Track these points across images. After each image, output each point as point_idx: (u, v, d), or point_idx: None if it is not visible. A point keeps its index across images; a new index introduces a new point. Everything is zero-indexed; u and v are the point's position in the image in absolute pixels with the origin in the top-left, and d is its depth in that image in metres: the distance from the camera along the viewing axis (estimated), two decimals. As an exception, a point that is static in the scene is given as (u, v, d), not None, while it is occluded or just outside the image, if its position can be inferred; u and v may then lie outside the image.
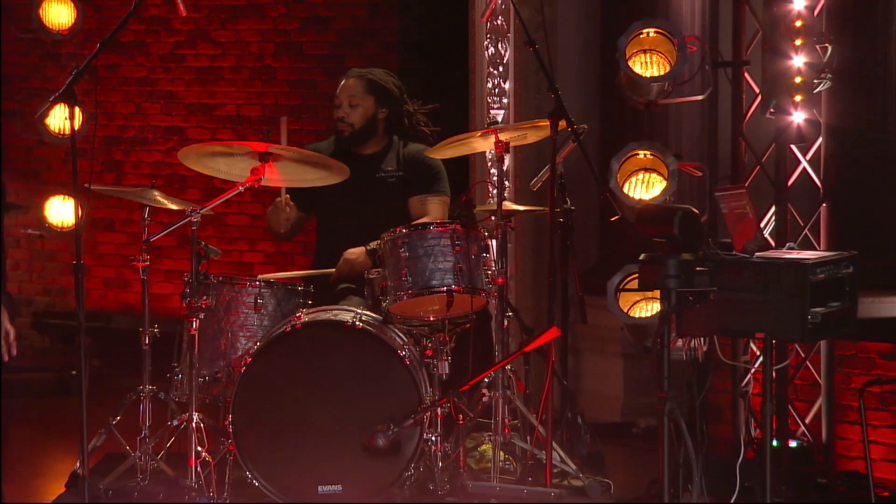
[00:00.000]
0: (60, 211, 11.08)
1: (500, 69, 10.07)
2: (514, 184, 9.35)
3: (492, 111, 10.29)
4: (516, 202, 8.70)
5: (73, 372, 10.97)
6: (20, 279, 12.79)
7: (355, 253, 7.17)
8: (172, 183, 11.32)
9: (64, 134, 11.65)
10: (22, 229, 12.02)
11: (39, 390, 11.01)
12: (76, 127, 11.47)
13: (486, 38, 9.55)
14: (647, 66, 8.03)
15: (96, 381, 11.30)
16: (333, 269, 7.27)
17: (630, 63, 8.02)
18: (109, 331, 11.70)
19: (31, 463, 9.06)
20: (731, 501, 6.72)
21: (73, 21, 11.03)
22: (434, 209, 7.27)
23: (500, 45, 10.11)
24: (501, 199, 7.11)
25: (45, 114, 7.14)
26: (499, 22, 10.35)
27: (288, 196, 7.27)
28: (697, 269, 6.43)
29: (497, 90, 10.20)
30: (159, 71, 12.56)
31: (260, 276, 7.38)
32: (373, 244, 7.05)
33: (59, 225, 11.33)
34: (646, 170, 8.08)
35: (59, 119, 11.41)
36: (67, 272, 12.23)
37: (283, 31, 12.32)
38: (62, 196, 10.68)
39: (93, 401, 7.02)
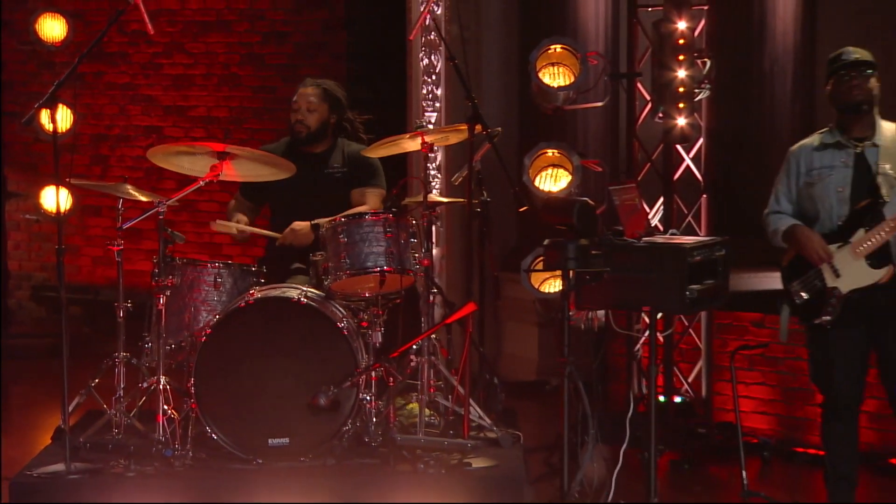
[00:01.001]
0: (54, 199, 11.04)
1: (433, 78, 10.03)
2: (444, 178, 9.32)
3: (426, 114, 10.27)
4: (446, 195, 8.72)
5: (66, 338, 11.03)
6: (20, 258, 12.72)
7: (301, 225, 7.11)
8: (151, 175, 11.24)
9: (58, 132, 11.63)
10: (21, 214, 12.00)
11: (36, 353, 10.98)
12: (68, 126, 11.55)
13: (421, 51, 9.51)
14: (555, 76, 8.06)
15: (85, 346, 11.25)
16: (279, 236, 7.23)
17: (540, 74, 8.04)
18: (97, 303, 11.65)
19: (27, 416, 9.05)
20: (623, 448, 6.71)
21: (66, 34, 10.96)
22: (371, 200, 7.24)
23: (433, 57, 10.07)
24: (426, 192, 7.13)
25: (32, 118, 7.04)
26: (432, 37, 10.32)
27: (243, 228, 7.31)
28: (593, 252, 6.48)
29: (431, 96, 10.17)
30: (140, 78, 12.53)
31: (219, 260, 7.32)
32: (317, 220, 7.03)
33: (53, 211, 11.29)
34: (554, 166, 8.12)
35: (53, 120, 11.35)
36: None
37: (247, 44, 12.29)
38: (55, 186, 10.64)
39: (82, 362, 7.02)
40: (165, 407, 6.55)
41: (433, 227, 9.30)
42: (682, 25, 8.13)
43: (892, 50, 8.50)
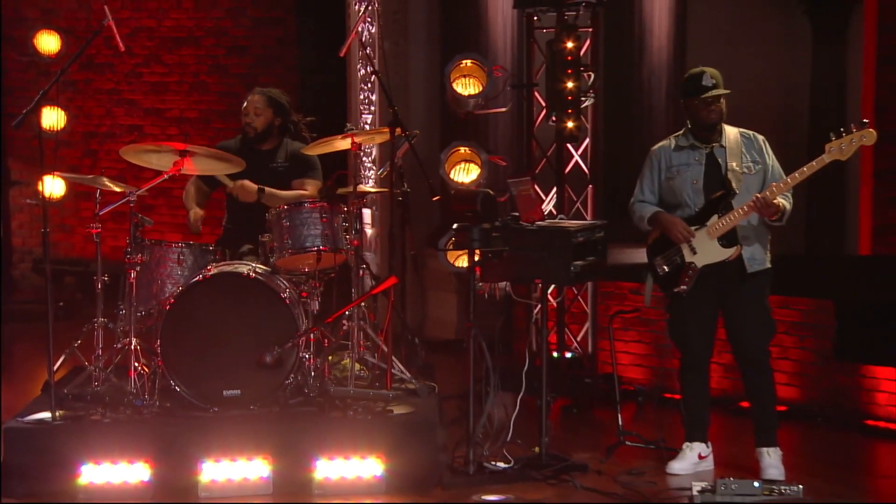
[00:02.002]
0: (50, 187, 10.94)
1: (369, 85, 10.05)
2: (377, 172, 9.32)
3: (363, 116, 10.27)
4: (378, 186, 8.70)
5: (61, 304, 10.89)
6: (23, 235, 12.69)
7: (250, 184, 7.11)
8: (133, 167, 11.17)
9: (53, 130, 11.55)
10: (24, 199, 11.94)
11: (36, 317, 10.87)
12: (62, 125, 11.44)
13: (359, 63, 9.50)
14: (466, 86, 8.06)
15: (78, 311, 11.26)
16: (232, 184, 7.20)
17: (454, 84, 8.04)
18: (87, 274, 11.52)
19: (26, 372, 8.98)
20: (520, 396, 6.77)
21: (59, 48, 10.91)
22: (309, 189, 7.20)
23: (368, 68, 10.07)
24: (355, 184, 7.13)
25: (21, 122, 6.96)
26: (368, 51, 10.30)
27: (199, 218, 7.32)
28: (494, 234, 6.54)
29: (367, 101, 10.18)
30: (124, 84, 12.54)
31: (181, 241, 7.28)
32: (263, 186, 7.06)
33: (49, 196, 11.16)
34: (466, 161, 8.13)
35: (49, 119, 11.28)
36: (56, 230, 12.15)
37: (214, 56, 12.32)
38: (52, 175, 10.54)
39: (76, 322, 6.97)
40: (136, 364, 6.52)
41: (366, 213, 9.34)
42: (570, 45, 8.19)
43: (742, 64, 8.58)
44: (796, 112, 10.45)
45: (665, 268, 6.49)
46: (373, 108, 10.12)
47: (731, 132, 6.47)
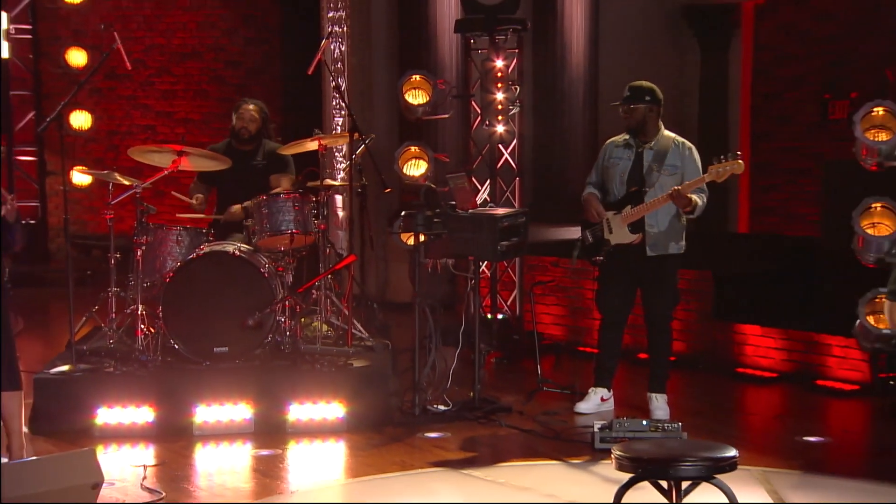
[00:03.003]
0: (79, 177, 10.94)
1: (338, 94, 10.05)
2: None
3: (335, 119, 10.25)
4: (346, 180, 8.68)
5: (89, 272, 10.85)
6: (59, 215, 12.54)
7: (235, 207, 7.03)
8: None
9: (82, 129, 11.52)
10: (58, 186, 11.83)
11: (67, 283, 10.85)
12: (88, 125, 11.36)
13: (331, 77, 9.42)
14: (416, 97, 8.00)
15: (102, 279, 11.20)
16: (221, 216, 7.14)
17: (405, 95, 7.99)
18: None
19: (58, 329, 8.94)
20: (458, 351, 6.79)
21: (87, 62, 10.82)
22: (284, 183, 7.16)
23: (339, 80, 10.05)
24: (322, 178, 7.11)
25: (46, 126, 6.97)
26: (339, 65, 10.29)
27: (200, 202, 7.25)
28: (435, 220, 6.55)
29: (338, 106, 10.16)
30: (140, 91, 12.46)
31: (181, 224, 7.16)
32: (245, 203, 6.94)
33: (79, 185, 11.19)
34: (416, 158, 8.07)
35: (78, 121, 11.24)
36: (86, 212, 12.18)
37: (214, 69, 12.27)
38: (76, 170, 10.56)
39: (98, 289, 6.93)
40: (142, 326, 6.51)
41: (337, 198, 9.33)
42: (499, 63, 8.20)
43: (643, 76, 8.56)
44: (688, 115, 10.50)
45: (590, 238, 6.51)
46: (343, 111, 10.09)
47: (666, 136, 6.42)
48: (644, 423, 5.87)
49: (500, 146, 8.45)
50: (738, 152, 6.22)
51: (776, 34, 10.50)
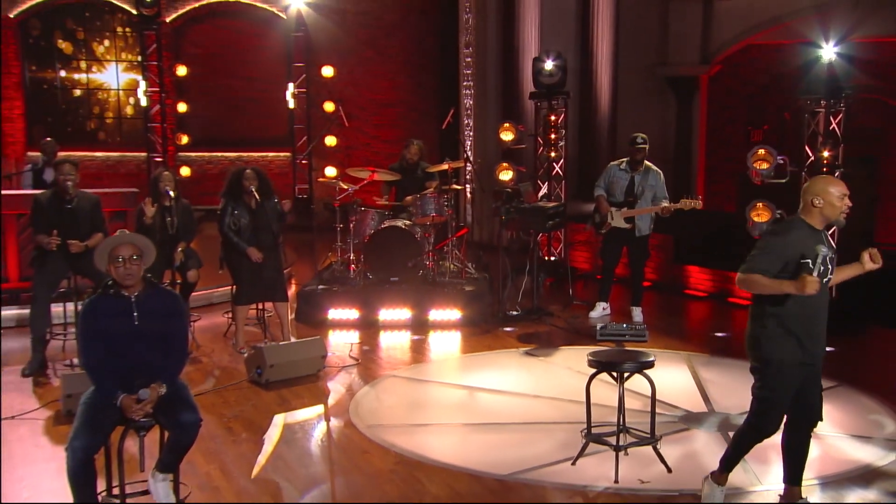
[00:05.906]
0: (329, 170, 10.01)
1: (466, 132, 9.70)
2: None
3: (465, 147, 9.86)
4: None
5: (339, 226, 9.88)
6: (319, 192, 10.71)
7: (407, 199, 6.59)
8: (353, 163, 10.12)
9: (331, 146, 10.66)
10: (319, 178, 9.74)
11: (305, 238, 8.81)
12: (333, 145, 10.76)
13: (461, 127, 9.13)
14: (507, 135, 7.78)
15: (333, 238, 9.91)
16: (399, 203, 6.64)
17: (500, 134, 7.84)
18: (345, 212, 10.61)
19: (312, 263, 7.99)
20: (525, 279, 6.65)
21: (333, 109, 10.43)
22: (431, 187, 6.63)
23: (467, 120, 9.71)
24: (450, 183, 6.86)
25: (313, 146, 7.11)
26: (468, 111, 9.96)
27: (384, 196, 6.70)
28: (511, 209, 6.43)
29: (466, 141, 9.85)
30: (362, 125, 11.45)
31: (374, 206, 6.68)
32: (409, 197, 6.57)
33: (329, 177, 9.00)
34: (506, 169, 7.69)
35: (329, 142, 10.50)
36: (332, 190, 10.91)
37: (400, 114, 11.53)
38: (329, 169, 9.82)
39: (333, 240, 6.62)
40: (354, 265, 6.44)
41: (463, 196, 9.01)
42: (552, 117, 7.92)
43: (640, 123, 8.10)
44: (667, 151, 10.04)
45: (597, 219, 6.36)
46: (469, 144, 9.80)
47: (647, 167, 6.16)
48: (624, 325, 5.80)
49: (553, 164, 8.26)
50: (699, 195, 6.08)
51: (720, 93, 10.43)
